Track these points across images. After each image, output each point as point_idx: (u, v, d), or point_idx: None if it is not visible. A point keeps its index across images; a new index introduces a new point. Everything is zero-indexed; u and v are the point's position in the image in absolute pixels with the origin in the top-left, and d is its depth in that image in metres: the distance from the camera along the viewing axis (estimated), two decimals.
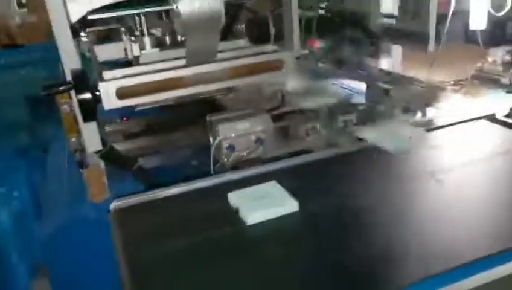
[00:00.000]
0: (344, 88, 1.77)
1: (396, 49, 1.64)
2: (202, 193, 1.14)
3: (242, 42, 1.37)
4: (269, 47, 1.33)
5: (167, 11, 1.25)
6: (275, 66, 1.30)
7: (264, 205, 1.00)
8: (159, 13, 1.38)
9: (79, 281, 1.38)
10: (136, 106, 1.54)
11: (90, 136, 1.27)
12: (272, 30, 1.34)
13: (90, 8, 1.18)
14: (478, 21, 3.14)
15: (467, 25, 3.05)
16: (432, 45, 1.41)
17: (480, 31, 3.14)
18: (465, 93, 3.18)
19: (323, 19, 1.59)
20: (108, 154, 1.32)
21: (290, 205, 1.01)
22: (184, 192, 1.14)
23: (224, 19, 1.16)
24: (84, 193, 1.29)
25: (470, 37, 3.26)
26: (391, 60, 1.64)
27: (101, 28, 1.61)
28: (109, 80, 1.18)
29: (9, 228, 2.51)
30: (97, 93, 1.15)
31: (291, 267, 0.85)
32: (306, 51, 1.36)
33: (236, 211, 1.02)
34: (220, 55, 1.28)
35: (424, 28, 1.40)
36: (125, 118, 1.78)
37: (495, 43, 3.26)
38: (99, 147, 1.29)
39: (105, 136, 1.40)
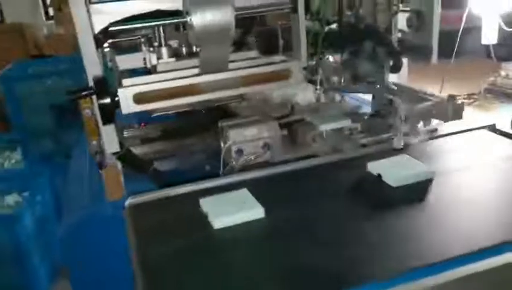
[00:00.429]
0: (352, 98, 1.84)
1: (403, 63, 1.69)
2: (205, 192, 1.22)
3: (253, 53, 1.45)
4: (278, 58, 1.41)
5: (183, 24, 1.35)
6: (282, 76, 1.39)
7: (231, 210, 1.07)
8: (176, 25, 1.47)
9: (97, 277, 1.45)
10: (153, 112, 1.65)
11: (109, 138, 1.37)
12: (281, 42, 1.42)
13: (112, 20, 1.29)
14: (489, 36, 3.18)
15: (480, 40, 3.10)
16: (435, 58, 1.47)
17: (494, 45, 3.18)
18: (478, 106, 3.20)
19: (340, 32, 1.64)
20: (125, 156, 1.41)
21: (256, 212, 1.07)
22: (192, 191, 1.22)
23: (234, 31, 1.25)
24: (102, 192, 1.38)
25: (483, 52, 3.30)
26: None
27: (122, 39, 1.73)
28: (127, 86, 1.28)
29: (31, 231, 2.63)
30: (116, 98, 1.25)
31: (249, 269, 0.92)
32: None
33: (206, 216, 1.08)
34: (231, 65, 1.37)
35: (427, 41, 1.46)
36: (142, 124, 1.88)
37: (508, 58, 3.29)
38: (117, 149, 1.39)
39: (124, 140, 1.50)
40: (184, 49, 1.61)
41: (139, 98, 1.28)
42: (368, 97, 1.75)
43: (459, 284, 0.82)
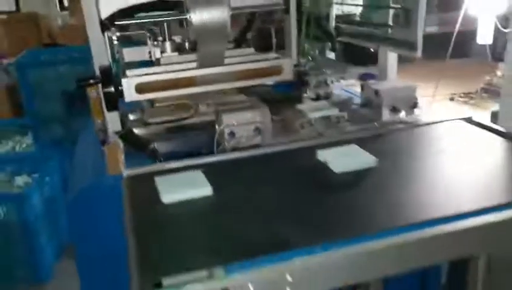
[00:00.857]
0: (345, 90, 1.95)
1: (392, 57, 1.79)
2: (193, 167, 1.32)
3: (249, 50, 1.56)
4: (271, 55, 1.52)
5: (184, 20, 1.46)
6: (275, 71, 1.50)
7: (181, 188, 1.18)
8: (181, 21, 1.58)
9: (98, 249, 1.54)
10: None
11: (112, 118, 1.49)
12: (274, 41, 1.53)
13: (119, 6, 1.40)
14: (485, 36, 3.26)
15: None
16: (419, 52, 1.56)
17: (490, 46, 3.26)
18: (474, 105, 3.28)
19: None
20: (126, 136, 1.53)
21: (204, 190, 1.18)
22: (183, 166, 1.34)
23: (229, 29, 1.36)
24: (104, 167, 1.49)
25: (479, 52, 3.38)
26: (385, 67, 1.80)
27: (129, 32, 1.85)
28: (130, 76, 1.40)
29: (39, 211, 2.76)
30: (120, 88, 1.37)
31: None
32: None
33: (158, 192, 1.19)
34: (228, 60, 1.48)
35: (413, 37, 1.56)
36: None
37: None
38: (119, 128, 1.51)
39: (129, 122, 1.63)
40: (187, 44, 1.73)
41: (141, 88, 1.40)
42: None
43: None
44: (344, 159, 1.27)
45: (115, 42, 1.88)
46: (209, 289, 0.84)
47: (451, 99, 3.62)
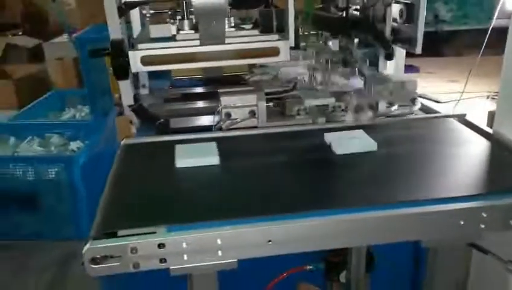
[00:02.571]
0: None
1: (399, 51, 1.80)
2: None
3: (251, 31, 1.66)
4: (271, 36, 1.60)
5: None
6: (273, 52, 1.59)
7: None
8: None
9: None
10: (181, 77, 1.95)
11: (125, 92, 1.66)
12: (274, 23, 1.61)
13: None
14: None
15: None
16: (419, 48, 1.57)
17: None
18: None
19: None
20: (137, 109, 1.69)
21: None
22: (178, 139, 1.48)
23: (228, 9, 1.47)
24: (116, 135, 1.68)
25: None
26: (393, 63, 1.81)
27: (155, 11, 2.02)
28: (137, 49, 1.55)
29: (86, 174, 3.02)
30: (126, 58, 1.52)
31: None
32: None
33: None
34: (229, 40, 1.58)
35: (414, 33, 1.57)
36: (170, 86, 2.16)
37: None
38: (131, 102, 1.67)
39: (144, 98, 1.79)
40: None
41: (146, 60, 1.55)
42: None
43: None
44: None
45: (147, 19, 2.09)
46: (148, 242, 0.98)
47: (488, 97, 3.47)
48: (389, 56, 1.68)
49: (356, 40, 1.79)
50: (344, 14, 1.78)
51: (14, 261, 2.96)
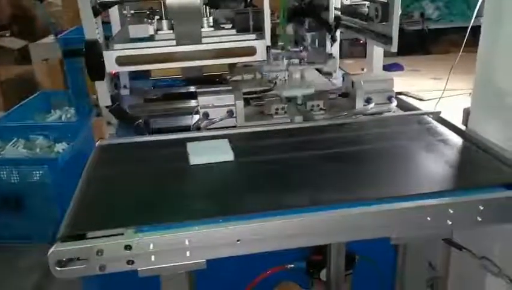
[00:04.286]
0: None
1: (378, 49, 1.81)
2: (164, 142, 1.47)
3: (228, 31, 1.66)
4: (248, 36, 1.60)
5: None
6: (249, 52, 1.59)
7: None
8: None
9: None
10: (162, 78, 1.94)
11: (102, 93, 1.65)
12: (251, 23, 1.61)
13: None
14: None
15: None
16: (394, 46, 1.58)
17: None
18: None
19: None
20: (115, 110, 1.69)
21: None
22: (153, 140, 1.47)
23: (202, 10, 1.47)
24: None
25: None
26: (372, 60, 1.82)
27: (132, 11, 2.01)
28: (112, 49, 1.54)
29: (71, 175, 3.00)
30: (101, 59, 1.52)
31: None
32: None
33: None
34: (206, 40, 1.58)
35: (389, 31, 1.58)
36: (153, 87, 2.16)
37: None
38: (109, 103, 1.67)
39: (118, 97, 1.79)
40: None
41: (121, 60, 1.54)
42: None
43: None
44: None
45: (128, 19, 2.09)
46: (115, 244, 0.97)
47: (470, 94, 3.47)
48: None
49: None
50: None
51: (1, 264, 2.95)
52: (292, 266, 1.67)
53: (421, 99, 2.82)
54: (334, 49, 2.02)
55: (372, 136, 1.46)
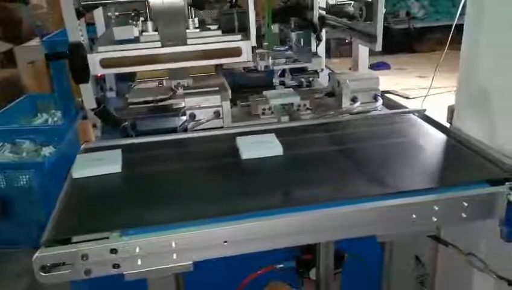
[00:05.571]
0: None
1: (363, 48, 1.82)
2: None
3: (214, 32, 1.65)
4: (233, 37, 1.60)
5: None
6: (235, 53, 1.58)
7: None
8: None
9: None
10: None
11: (87, 96, 1.63)
12: (236, 23, 1.61)
13: None
14: None
15: None
16: (379, 44, 1.58)
17: None
18: None
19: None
20: (101, 113, 1.67)
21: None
22: (140, 142, 1.47)
23: (186, 11, 1.46)
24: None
25: None
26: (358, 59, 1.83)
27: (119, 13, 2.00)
28: (96, 52, 1.53)
29: (58, 179, 2.98)
30: (86, 62, 1.50)
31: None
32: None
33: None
34: (191, 41, 1.57)
35: (373, 30, 1.59)
36: None
37: None
38: (94, 106, 1.65)
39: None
40: None
41: (105, 63, 1.53)
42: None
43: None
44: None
45: (113, 21, 2.08)
46: (100, 248, 0.96)
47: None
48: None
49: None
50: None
51: None
52: (282, 266, 1.68)
53: (407, 98, 2.85)
54: (320, 49, 2.03)
55: (357, 135, 1.46)
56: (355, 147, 1.39)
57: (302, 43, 2.04)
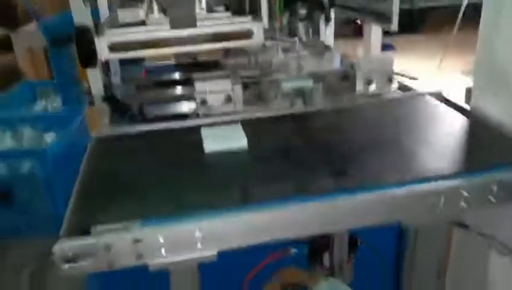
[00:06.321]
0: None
1: (376, 30, 1.77)
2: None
3: (224, 14, 1.60)
4: (244, 18, 1.55)
5: None
6: (245, 35, 1.54)
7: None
8: None
9: None
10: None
11: (94, 81, 1.60)
12: (247, 5, 1.56)
13: None
14: None
15: None
16: (395, 24, 1.54)
17: None
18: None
19: None
20: (108, 98, 1.63)
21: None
22: (149, 130, 1.43)
23: None
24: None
25: None
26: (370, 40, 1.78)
27: None
28: (104, 35, 1.48)
29: (60, 167, 2.93)
30: (93, 46, 1.45)
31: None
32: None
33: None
34: (199, 23, 1.53)
35: (388, 9, 1.54)
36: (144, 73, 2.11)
37: None
38: (101, 91, 1.61)
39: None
40: None
41: (113, 46, 1.48)
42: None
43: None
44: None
45: (117, 3, 2.01)
46: (123, 238, 0.94)
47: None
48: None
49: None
50: None
51: None
52: (295, 250, 1.66)
53: (415, 79, 2.81)
54: (329, 32, 1.97)
55: (375, 120, 1.43)
56: (374, 131, 1.36)
57: (310, 34, 1.97)
